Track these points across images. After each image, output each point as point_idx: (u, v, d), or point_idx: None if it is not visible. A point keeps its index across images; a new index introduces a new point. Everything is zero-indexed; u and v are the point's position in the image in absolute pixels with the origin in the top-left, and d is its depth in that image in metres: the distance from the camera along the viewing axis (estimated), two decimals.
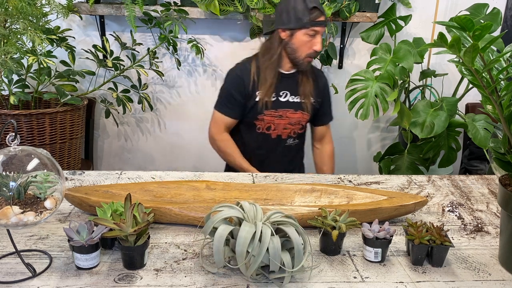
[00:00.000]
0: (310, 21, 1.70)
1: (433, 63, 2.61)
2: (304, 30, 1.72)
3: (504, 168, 0.99)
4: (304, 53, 1.77)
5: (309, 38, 1.73)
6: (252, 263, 0.88)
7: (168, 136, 2.66)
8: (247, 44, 2.51)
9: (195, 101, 2.60)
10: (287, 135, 1.90)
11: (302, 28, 1.71)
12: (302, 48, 1.75)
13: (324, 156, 2.03)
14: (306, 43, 1.74)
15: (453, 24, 0.84)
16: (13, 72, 1.93)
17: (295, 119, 1.88)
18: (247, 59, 1.89)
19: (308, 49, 1.76)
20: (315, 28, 1.72)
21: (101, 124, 2.60)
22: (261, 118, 1.84)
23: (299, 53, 1.77)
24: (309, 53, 1.77)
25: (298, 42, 1.74)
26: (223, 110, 1.86)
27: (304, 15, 1.69)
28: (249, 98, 1.82)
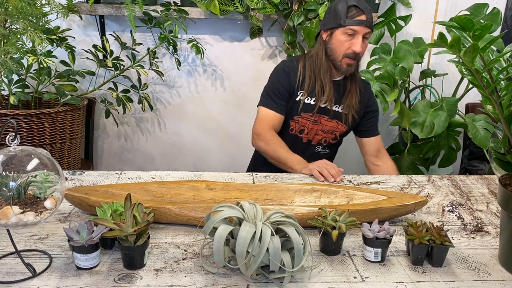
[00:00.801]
0: (347, 19, 1.63)
1: (433, 63, 2.61)
2: (342, 29, 1.65)
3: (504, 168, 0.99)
4: (341, 54, 1.68)
5: (348, 38, 1.66)
6: (252, 263, 0.88)
7: (168, 136, 2.66)
8: (247, 44, 2.51)
9: (195, 101, 2.60)
10: (317, 141, 1.85)
11: (340, 27, 1.65)
12: (340, 48, 1.68)
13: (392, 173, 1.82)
14: (344, 43, 1.67)
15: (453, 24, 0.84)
16: (13, 72, 1.93)
17: (328, 127, 1.82)
18: (295, 57, 1.86)
19: (345, 49, 1.67)
20: (353, 27, 1.63)
21: (101, 124, 2.60)
22: (297, 119, 1.80)
23: (337, 53, 1.69)
24: (346, 53, 1.68)
25: (336, 42, 1.68)
26: (270, 106, 1.77)
27: (342, 13, 1.63)
28: (291, 95, 1.77)
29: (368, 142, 1.89)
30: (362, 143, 1.92)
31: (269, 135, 1.75)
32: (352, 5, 1.63)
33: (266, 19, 2.34)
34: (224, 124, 2.66)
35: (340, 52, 1.69)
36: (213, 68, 2.55)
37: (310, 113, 1.78)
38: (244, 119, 2.66)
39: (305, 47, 2.45)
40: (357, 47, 1.66)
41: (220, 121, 2.66)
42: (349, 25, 1.64)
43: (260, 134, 1.76)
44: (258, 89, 2.59)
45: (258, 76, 2.58)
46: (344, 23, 1.64)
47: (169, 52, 2.47)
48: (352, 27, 1.64)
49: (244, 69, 2.56)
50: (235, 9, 2.23)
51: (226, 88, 2.59)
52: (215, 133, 2.68)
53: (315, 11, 2.24)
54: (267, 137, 1.74)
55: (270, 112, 1.77)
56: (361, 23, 1.65)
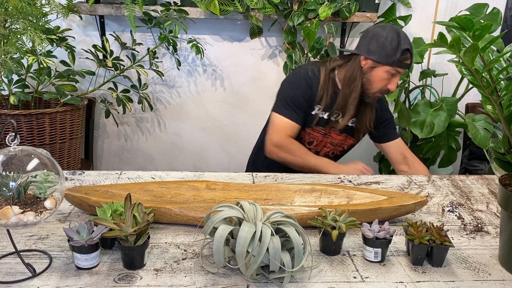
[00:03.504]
0: (397, 61, 1.61)
1: (433, 63, 2.61)
2: (388, 68, 1.62)
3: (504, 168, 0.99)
4: (377, 89, 1.67)
5: (389, 76, 1.65)
6: (252, 263, 0.88)
7: (168, 136, 2.66)
8: (247, 44, 2.51)
9: (195, 101, 2.60)
10: (325, 153, 1.84)
11: (387, 65, 1.62)
12: (378, 83, 1.66)
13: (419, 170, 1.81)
14: (383, 80, 1.65)
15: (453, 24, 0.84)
16: (13, 72, 1.93)
17: (338, 140, 1.81)
18: (314, 65, 1.76)
19: (383, 86, 1.67)
20: (399, 69, 1.64)
21: (101, 124, 2.60)
22: (308, 131, 1.78)
23: (372, 86, 1.68)
24: (382, 89, 1.68)
25: (376, 76, 1.65)
26: (290, 116, 1.71)
27: (394, 54, 1.60)
28: (308, 107, 1.73)
29: (389, 147, 1.86)
30: (384, 149, 1.89)
31: (290, 144, 1.71)
32: (406, 48, 1.61)
33: (266, 19, 2.34)
34: (224, 124, 2.67)
35: (377, 87, 1.67)
36: (213, 68, 2.55)
37: (322, 126, 1.77)
38: (244, 119, 2.66)
39: (305, 47, 2.45)
40: (393, 86, 1.66)
41: (220, 121, 2.66)
42: (397, 68, 1.63)
43: (282, 146, 1.71)
44: (258, 89, 2.61)
45: (258, 76, 2.58)
46: (393, 64, 1.62)
47: (169, 52, 2.47)
48: (399, 69, 1.64)
49: (244, 69, 2.56)
50: (235, 9, 2.23)
51: (226, 88, 2.59)
52: (215, 133, 2.68)
53: (315, 11, 2.24)
54: (290, 147, 1.71)
55: (290, 122, 1.72)
56: (407, 66, 1.65)
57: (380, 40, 1.61)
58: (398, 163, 1.85)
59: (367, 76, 1.66)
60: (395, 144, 1.86)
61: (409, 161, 1.84)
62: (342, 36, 2.51)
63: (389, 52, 1.60)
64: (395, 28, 1.63)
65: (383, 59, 1.62)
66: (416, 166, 1.83)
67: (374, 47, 1.62)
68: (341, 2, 2.25)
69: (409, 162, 1.84)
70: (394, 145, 1.85)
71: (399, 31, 1.62)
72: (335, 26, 2.31)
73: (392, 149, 1.85)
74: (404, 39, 1.61)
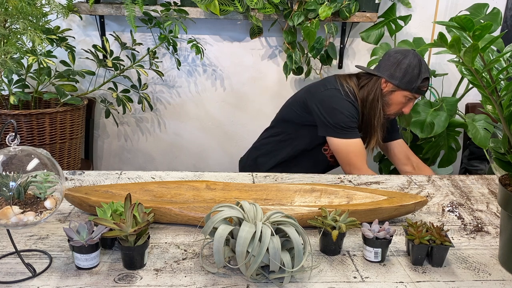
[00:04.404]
0: (418, 88, 1.69)
1: (433, 63, 2.61)
2: (408, 93, 1.71)
3: (504, 168, 0.99)
4: (393, 111, 1.76)
5: (406, 101, 1.73)
6: (252, 263, 0.88)
7: (168, 136, 2.66)
8: (247, 44, 2.51)
9: (195, 101, 2.60)
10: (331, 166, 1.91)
11: (407, 90, 1.70)
12: (396, 107, 1.75)
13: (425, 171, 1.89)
14: (400, 104, 1.74)
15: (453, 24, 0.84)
16: (13, 72, 1.93)
17: None
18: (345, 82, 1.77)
19: (399, 109, 1.75)
20: (417, 95, 1.72)
21: (101, 124, 2.60)
22: None
23: (389, 109, 1.75)
24: (397, 112, 1.77)
25: (395, 100, 1.73)
26: (353, 135, 1.73)
27: (415, 81, 1.68)
28: None
29: (393, 147, 1.92)
30: (387, 149, 1.94)
31: (368, 172, 1.71)
32: (426, 77, 1.69)
33: (266, 19, 2.34)
34: (224, 124, 2.67)
35: (394, 110, 1.76)
36: (213, 68, 2.55)
37: None
38: (244, 119, 2.66)
39: (305, 47, 2.45)
40: (408, 110, 1.75)
41: (220, 121, 2.66)
42: (416, 94, 1.71)
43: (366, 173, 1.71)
44: (258, 89, 2.61)
45: (258, 76, 2.58)
46: (413, 91, 1.70)
47: (169, 52, 2.47)
48: (417, 95, 1.72)
49: (244, 69, 2.56)
50: (235, 9, 2.23)
51: (226, 88, 2.59)
52: (215, 133, 2.68)
53: (315, 11, 2.24)
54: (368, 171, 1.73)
55: (357, 141, 1.74)
56: (424, 93, 1.74)
57: (403, 66, 1.69)
58: (402, 164, 1.91)
59: (386, 98, 1.74)
60: (398, 144, 1.92)
61: (413, 162, 1.90)
62: (342, 36, 2.51)
63: (411, 79, 1.68)
64: (418, 55, 1.71)
65: (404, 85, 1.70)
66: (420, 167, 1.90)
67: (397, 72, 1.70)
68: (341, 2, 2.25)
69: (413, 163, 1.90)
70: (398, 145, 1.91)
71: (421, 59, 1.70)
72: (335, 26, 2.31)
73: (396, 149, 1.91)
74: (425, 67, 1.70)
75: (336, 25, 2.32)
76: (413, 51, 1.72)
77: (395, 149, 1.92)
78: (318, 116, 1.76)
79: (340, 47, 2.53)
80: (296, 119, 1.85)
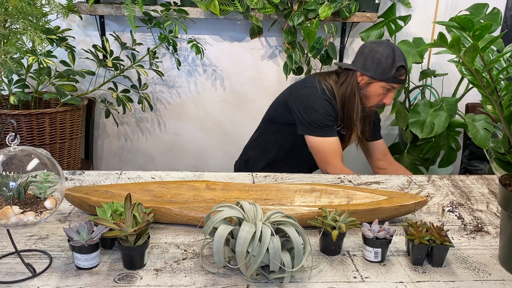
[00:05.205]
0: (393, 78, 1.67)
1: (433, 63, 2.61)
2: (384, 83, 1.69)
3: (504, 168, 0.99)
4: (373, 103, 1.75)
5: (384, 91, 1.71)
6: (252, 263, 0.88)
7: (168, 136, 2.66)
8: (247, 44, 2.51)
9: (195, 101, 2.60)
10: None
11: (383, 81, 1.68)
12: (375, 98, 1.74)
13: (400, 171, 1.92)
14: (379, 95, 1.72)
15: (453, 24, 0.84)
16: (13, 72, 1.93)
17: None
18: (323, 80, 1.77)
19: (378, 100, 1.74)
20: (394, 85, 1.70)
21: (101, 124, 2.60)
22: None
23: (369, 101, 1.74)
24: (378, 104, 1.75)
25: (373, 92, 1.72)
26: (329, 134, 1.73)
27: (390, 70, 1.66)
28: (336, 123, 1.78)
29: (374, 146, 1.93)
30: (367, 147, 1.95)
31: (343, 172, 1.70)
32: (401, 65, 1.66)
33: (266, 19, 2.34)
34: (224, 124, 2.67)
35: (373, 102, 1.74)
36: (213, 68, 2.55)
37: None
38: (244, 119, 2.66)
39: (305, 47, 2.45)
40: (389, 100, 1.74)
41: (220, 121, 2.66)
42: (393, 84, 1.69)
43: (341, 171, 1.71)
44: (258, 89, 2.61)
45: (258, 76, 2.58)
46: (389, 80, 1.68)
47: (169, 52, 2.47)
48: (394, 85, 1.70)
49: (244, 69, 2.56)
50: (235, 9, 2.23)
51: (226, 88, 2.59)
52: (215, 133, 2.68)
53: (315, 11, 2.24)
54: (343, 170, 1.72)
55: (333, 139, 1.74)
56: (402, 82, 1.71)
57: (376, 57, 1.67)
58: (378, 160, 1.94)
59: (364, 91, 1.73)
60: (380, 143, 1.94)
61: (389, 160, 1.94)
62: (342, 36, 2.51)
63: (384, 69, 1.66)
64: (391, 45, 1.68)
65: (378, 76, 1.68)
66: (396, 165, 1.94)
67: (370, 64, 1.68)
68: (341, 2, 2.25)
69: (388, 160, 1.93)
70: (379, 144, 1.93)
71: (394, 48, 1.68)
72: (335, 26, 2.31)
73: (377, 148, 1.93)
74: (399, 56, 1.67)
75: (336, 25, 2.32)
76: (386, 41, 1.71)
77: (376, 148, 1.94)
78: (296, 115, 1.77)
79: (340, 47, 2.53)
80: (278, 118, 1.86)
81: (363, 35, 2.39)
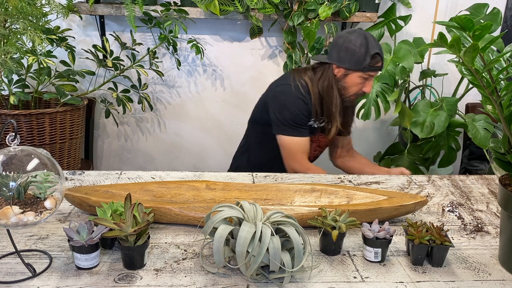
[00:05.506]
0: (369, 66, 1.66)
1: (433, 63, 2.61)
2: (360, 73, 1.68)
3: (504, 168, 0.99)
4: (353, 93, 1.74)
5: (362, 81, 1.70)
6: (252, 263, 0.88)
7: (168, 136, 2.66)
8: (247, 44, 2.51)
9: (195, 101, 2.60)
10: (314, 157, 1.90)
11: (359, 71, 1.67)
12: (353, 88, 1.72)
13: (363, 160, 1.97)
14: (357, 85, 1.71)
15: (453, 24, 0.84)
16: (13, 72, 1.93)
17: (323, 142, 1.87)
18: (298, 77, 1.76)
19: (358, 89, 1.73)
20: (371, 73, 1.69)
21: (101, 124, 2.60)
22: None
23: (348, 92, 1.73)
24: (357, 93, 1.74)
25: (350, 82, 1.71)
26: (297, 133, 1.73)
27: (364, 59, 1.64)
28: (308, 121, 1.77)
29: (343, 140, 1.95)
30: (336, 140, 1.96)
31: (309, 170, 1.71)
32: (375, 53, 1.65)
33: (266, 19, 2.34)
34: (224, 124, 2.66)
35: (352, 91, 1.73)
36: (213, 68, 2.55)
37: (313, 135, 1.80)
38: (244, 119, 2.65)
39: (305, 47, 2.45)
40: (368, 89, 1.72)
41: (220, 121, 2.66)
42: (369, 72, 1.67)
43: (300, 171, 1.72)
44: (258, 89, 2.60)
45: (258, 76, 2.58)
46: (365, 70, 1.66)
47: (169, 52, 2.47)
48: (371, 73, 1.69)
49: (244, 69, 2.56)
50: (235, 9, 2.23)
51: (226, 88, 2.59)
52: (215, 133, 2.68)
53: (315, 11, 2.24)
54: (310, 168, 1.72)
55: (301, 139, 1.74)
56: (379, 69, 1.70)
57: (349, 47, 1.65)
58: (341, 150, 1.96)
59: (342, 83, 1.72)
60: (348, 138, 1.96)
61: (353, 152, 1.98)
62: None
63: (359, 58, 1.65)
64: (363, 33, 1.67)
65: (354, 66, 1.66)
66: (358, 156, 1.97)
67: (344, 55, 1.67)
68: (341, 2, 2.25)
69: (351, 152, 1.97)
70: (348, 139, 1.96)
71: (367, 36, 1.66)
72: (335, 26, 2.31)
73: (344, 142, 1.95)
74: (373, 43, 1.65)
75: (336, 25, 2.32)
76: (358, 30, 1.70)
77: (345, 141, 1.95)
78: (271, 113, 1.77)
79: None
80: (260, 119, 1.86)
81: None
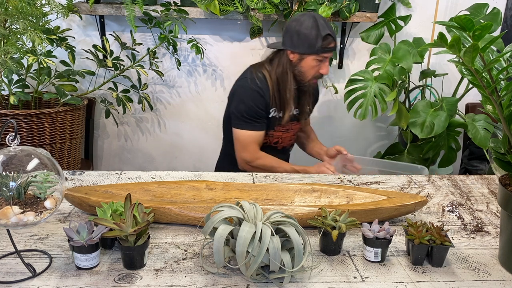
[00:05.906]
0: (321, 48, 1.68)
1: (433, 63, 2.61)
2: (315, 56, 1.70)
3: (504, 168, 0.99)
4: (310, 76, 1.76)
5: (318, 63, 1.72)
6: (252, 263, 0.88)
7: (168, 136, 2.66)
8: (247, 44, 2.51)
9: (195, 101, 2.60)
10: (290, 145, 1.94)
11: (313, 54, 1.69)
12: (310, 71, 1.74)
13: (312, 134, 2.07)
14: (314, 67, 1.73)
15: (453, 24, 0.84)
16: (13, 72, 1.93)
17: (297, 129, 1.91)
18: (256, 70, 1.80)
19: (315, 72, 1.75)
20: (325, 54, 1.71)
21: (101, 124, 2.60)
22: (271, 134, 1.84)
23: (306, 76, 1.75)
24: (315, 76, 1.76)
25: (306, 66, 1.73)
26: (250, 127, 1.76)
27: (316, 42, 1.66)
28: (267, 114, 1.79)
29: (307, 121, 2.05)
30: None
31: (260, 160, 1.77)
32: (327, 34, 1.67)
33: (266, 19, 2.34)
34: None
35: (310, 75, 1.76)
36: (213, 68, 2.55)
37: (281, 125, 1.83)
38: None
39: None
40: (326, 70, 1.75)
41: (220, 121, 2.65)
42: (323, 54, 1.70)
43: (251, 161, 1.78)
44: None
45: None
46: (318, 52, 1.69)
47: (169, 52, 2.47)
48: (325, 55, 1.71)
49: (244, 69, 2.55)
50: (235, 9, 2.23)
51: (226, 88, 2.59)
52: (215, 133, 2.68)
53: (315, 11, 2.23)
54: (261, 163, 1.77)
55: (254, 133, 1.77)
56: (332, 50, 1.73)
57: (300, 31, 1.68)
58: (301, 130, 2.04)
59: (298, 67, 1.74)
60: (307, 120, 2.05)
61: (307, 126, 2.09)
62: (342, 36, 2.51)
63: (311, 42, 1.67)
64: (313, 15, 1.69)
65: (307, 50, 1.69)
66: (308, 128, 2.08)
67: (296, 39, 1.69)
68: (341, 2, 2.25)
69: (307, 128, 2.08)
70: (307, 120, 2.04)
71: (316, 18, 1.68)
72: (335, 26, 2.31)
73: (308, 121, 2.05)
74: (323, 25, 1.67)
75: (336, 25, 2.32)
76: (308, 13, 1.72)
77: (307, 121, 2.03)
78: (231, 108, 1.80)
79: (340, 47, 2.53)
80: (226, 118, 1.89)
81: (363, 35, 2.39)
